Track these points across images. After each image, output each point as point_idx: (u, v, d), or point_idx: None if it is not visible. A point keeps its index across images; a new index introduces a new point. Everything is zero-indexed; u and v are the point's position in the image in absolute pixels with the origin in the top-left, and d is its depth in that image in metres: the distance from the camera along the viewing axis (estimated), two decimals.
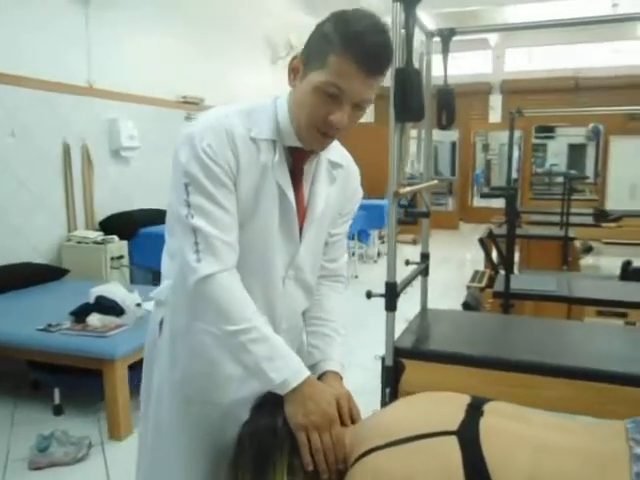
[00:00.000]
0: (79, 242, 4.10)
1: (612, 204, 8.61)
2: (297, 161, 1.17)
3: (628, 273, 4.18)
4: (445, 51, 2.39)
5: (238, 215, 1.10)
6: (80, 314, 2.87)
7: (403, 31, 1.91)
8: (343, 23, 1.02)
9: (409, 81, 1.83)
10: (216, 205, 1.06)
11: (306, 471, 1.00)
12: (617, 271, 4.53)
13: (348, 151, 1.34)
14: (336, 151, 1.27)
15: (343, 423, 1.06)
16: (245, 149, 1.09)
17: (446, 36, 2.35)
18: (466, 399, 1.00)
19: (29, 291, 3.66)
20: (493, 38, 11.20)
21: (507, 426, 0.93)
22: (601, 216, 6.53)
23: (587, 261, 6.57)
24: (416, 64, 2.00)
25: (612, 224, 6.55)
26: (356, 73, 1.01)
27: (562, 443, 0.89)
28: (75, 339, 2.71)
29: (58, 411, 2.89)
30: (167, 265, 1.24)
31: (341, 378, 1.22)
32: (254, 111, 1.14)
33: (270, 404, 1.05)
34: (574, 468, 0.84)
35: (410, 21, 1.90)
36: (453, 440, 0.90)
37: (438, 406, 1.02)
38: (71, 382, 2.95)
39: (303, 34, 1.15)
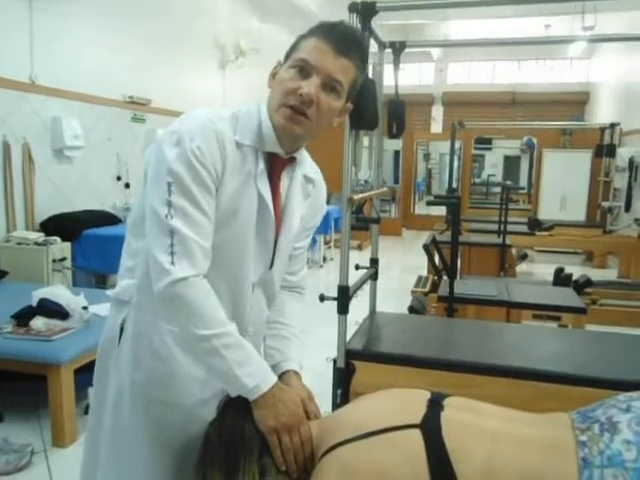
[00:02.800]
0: (19, 243, 3.95)
1: (544, 214, 9.03)
2: (275, 169, 1.18)
3: (560, 279, 4.42)
4: (396, 63, 2.48)
5: (216, 218, 1.10)
6: (23, 317, 2.77)
7: None
8: (318, 24, 1.12)
9: (365, 90, 1.90)
10: (198, 209, 1.05)
11: (279, 470, 1.04)
12: (550, 277, 4.78)
13: None
14: (309, 166, 1.31)
15: (308, 419, 1.11)
16: (232, 154, 1.10)
17: (398, 49, 2.44)
18: (426, 394, 1.07)
19: None
20: (436, 52, 11.57)
21: (466, 419, 1.00)
22: (535, 225, 6.85)
23: (522, 267, 6.88)
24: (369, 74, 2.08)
25: (545, 233, 6.90)
26: (322, 48, 1.07)
27: (515, 433, 0.97)
28: (18, 343, 2.61)
29: None
30: (128, 264, 1.22)
31: (300, 377, 1.26)
32: (240, 116, 1.15)
33: (237, 403, 1.07)
34: (526, 455, 0.92)
35: (366, 32, 1.97)
36: (417, 433, 0.95)
37: (401, 401, 1.08)
38: (11, 388, 2.84)
39: (253, 38, 1.18)
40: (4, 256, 3.95)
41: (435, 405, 1.02)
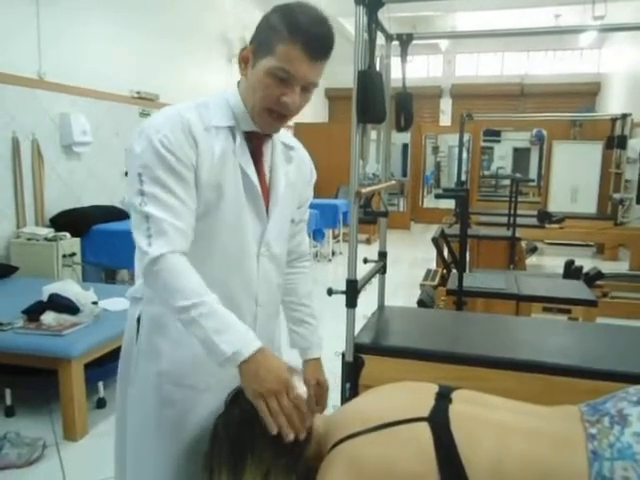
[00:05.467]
0: (29, 239, 3.98)
1: (554, 207, 8.95)
2: (256, 144, 1.25)
3: (571, 272, 4.39)
4: (404, 55, 2.47)
5: (204, 200, 1.15)
6: (33, 312, 2.79)
7: (365, 34, 1.97)
8: (289, 15, 1.12)
9: (372, 84, 1.89)
10: (168, 193, 1.10)
11: (288, 470, 1.03)
12: (560, 270, 4.75)
13: None
14: (286, 134, 1.37)
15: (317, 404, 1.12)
16: (203, 139, 1.15)
17: (405, 41, 2.43)
18: (434, 388, 1.06)
19: None
20: (444, 43, 11.49)
21: (474, 412, 1.00)
22: (545, 218, 6.80)
23: (532, 260, 6.84)
24: (376, 67, 2.07)
25: (555, 225, 6.84)
26: (302, 58, 1.12)
27: (524, 426, 0.97)
28: (29, 338, 2.64)
29: (10, 412, 2.81)
30: (138, 263, 1.25)
31: (320, 362, 1.46)
32: (208, 103, 1.21)
33: (245, 396, 1.08)
34: (536, 448, 0.92)
35: (372, 25, 1.96)
36: (425, 426, 0.95)
37: (409, 394, 1.08)
38: (23, 382, 2.87)
39: None
40: (14, 252, 3.98)
41: (443, 398, 1.02)
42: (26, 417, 2.82)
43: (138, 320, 1.25)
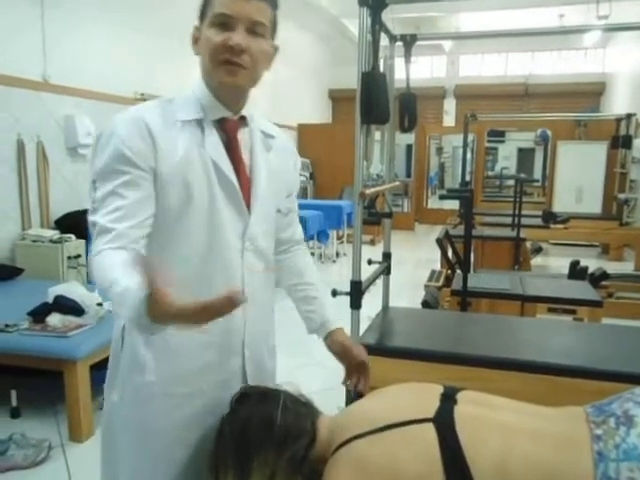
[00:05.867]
0: (34, 241, 3.99)
1: (559, 207, 8.93)
2: (230, 132, 1.19)
3: (576, 272, 4.38)
4: (407, 56, 2.47)
5: (175, 201, 1.10)
6: (39, 314, 2.80)
7: (369, 35, 1.98)
8: None
9: (375, 85, 1.90)
10: (112, 197, 1.04)
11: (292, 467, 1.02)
12: (565, 270, 4.74)
13: (304, 150, 1.39)
14: (266, 123, 1.32)
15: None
16: (163, 136, 1.10)
17: (409, 42, 2.43)
18: (439, 389, 1.06)
19: None
20: (447, 44, 11.49)
21: (479, 413, 1.00)
22: (550, 218, 6.79)
23: (537, 261, 6.82)
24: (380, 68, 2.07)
25: (560, 226, 6.83)
26: None
27: (529, 427, 0.97)
28: (35, 339, 2.65)
29: (15, 414, 2.82)
30: None
31: (344, 330, 1.41)
32: (174, 98, 1.17)
33: (251, 396, 1.08)
34: (541, 449, 0.92)
35: (376, 26, 1.96)
36: (430, 427, 0.95)
37: (415, 395, 1.08)
38: (28, 384, 2.88)
39: None
40: (20, 254, 4.00)
41: (448, 399, 1.02)
42: (32, 418, 2.82)
43: (123, 329, 1.20)
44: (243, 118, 1.22)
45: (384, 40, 2.19)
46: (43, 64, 4.35)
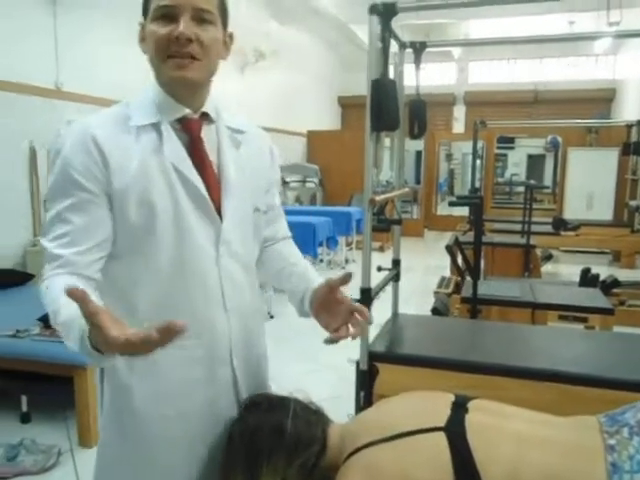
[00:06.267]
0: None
1: (570, 214, 8.88)
2: (192, 131, 1.11)
3: (587, 280, 4.34)
4: (417, 63, 2.47)
5: (136, 217, 1.03)
6: (49, 320, 2.82)
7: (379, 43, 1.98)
8: None
9: (385, 92, 1.90)
10: (60, 222, 1.01)
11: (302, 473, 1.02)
12: (576, 278, 4.70)
13: (313, 157, 1.31)
14: (236, 119, 1.23)
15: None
16: (116, 147, 1.02)
17: (419, 49, 2.43)
18: (450, 397, 1.06)
19: None
20: (457, 51, 11.49)
21: (491, 421, 0.99)
22: (560, 225, 6.74)
23: (547, 268, 6.77)
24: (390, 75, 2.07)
25: (570, 233, 6.78)
26: None
27: (541, 436, 0.96)
28: (45, 345, 2.66)
29: (25, 419, 2.83)
30: None
31: None
32: (130, 102, 1.11)
33: (260, 404, 1.08)
34: (554, 459, 0.91)
35: (386, 33, 1.97)
36: (441, 435, 0.95)
37: (426, 404, 1.07)
38: (38, 389, 2.89)
39: (272, 41, 1.19)
40: (31, 260, 4.02)
41: (459, 408, 1.01)
42: (41, 424, 2.84)
43: None
44: (205, 115, 1.14)
45: (393, 47, 2.19)
46: (55, 71, 4.39)
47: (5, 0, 3.98)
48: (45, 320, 2.85)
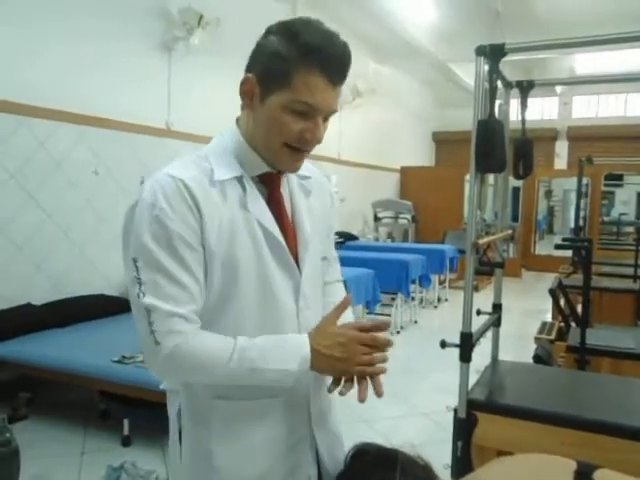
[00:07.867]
0: None
1: None
2: (271, 187, 1.10)
3: None
4: (524, 103, 2.41)
5: (221, 273, 1.01)
6: None
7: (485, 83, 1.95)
8: (295, 36, 0.97)
9: (493, 133, 1.85)
10: (167, 278, 0.96)
11: None
12: None
13: (406, 193, 1.29)
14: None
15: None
16: (207, 199, 0.99)
17: (525, 88, 2.37)
18: (572, 465, 0.97)
19: (102, 322, 3.82)
20: (560, 85, 11.12)
21: None
22: None
23: None
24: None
25: None
26: (323, 85, 0.98)
27: None
28: (148, 372, 2.77)
29: (127, 442, 2.95)
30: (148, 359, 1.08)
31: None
32: (207, 155, 1.06)
33: (367, 454, 1.04)
34: None
35: (493, 75, 1.93)
36: None
37: (544, 472, 0.99)
38: (140, 414, 3.02)
39: (369, 79, 1.19)
40: None
41: (583, 478, 0.93)
42: (140, 447, 2.95)
43: (178, 414, 1.12)
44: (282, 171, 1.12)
45: (500, 87, 2.15)
46: (167, 113, 4.71)
47: (127, 49, 4.36)
48: None
